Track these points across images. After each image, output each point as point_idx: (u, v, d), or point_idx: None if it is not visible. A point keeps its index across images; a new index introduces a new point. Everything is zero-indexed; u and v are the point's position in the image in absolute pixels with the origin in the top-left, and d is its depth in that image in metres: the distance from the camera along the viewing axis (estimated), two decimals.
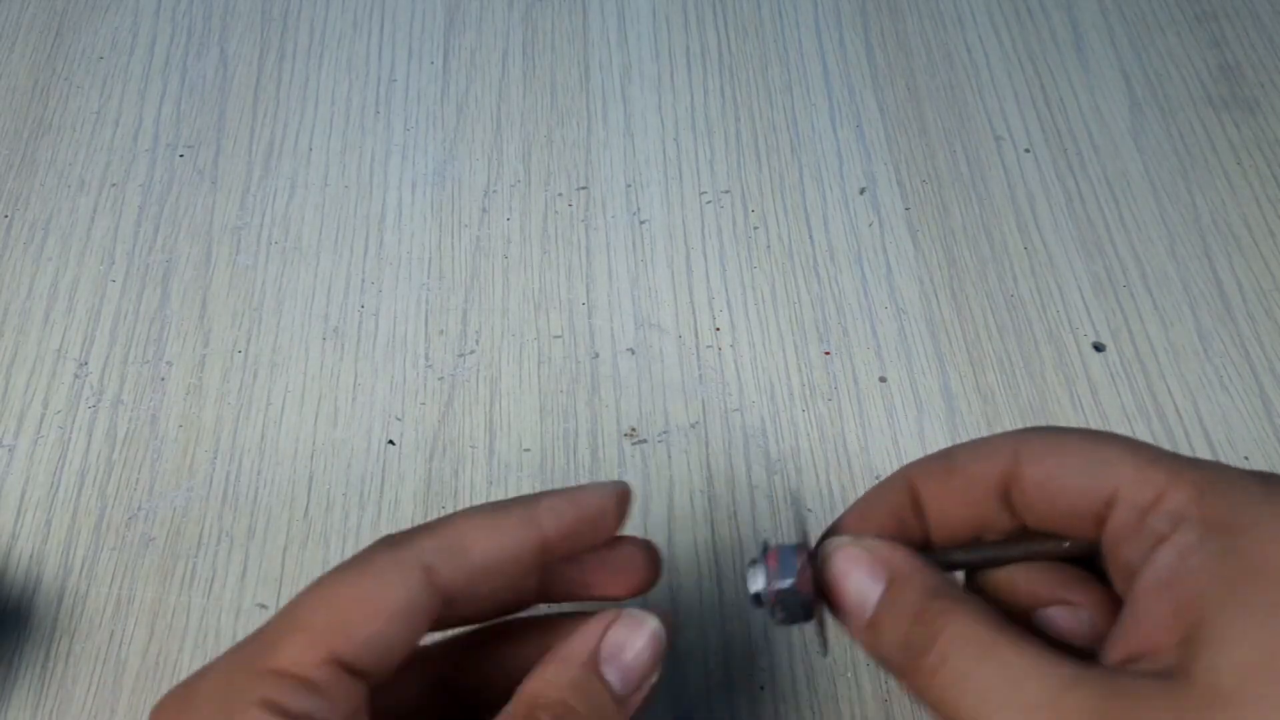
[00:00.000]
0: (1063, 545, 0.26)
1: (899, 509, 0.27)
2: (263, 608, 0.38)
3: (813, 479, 0.40)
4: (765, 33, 0.53)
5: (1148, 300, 0.45)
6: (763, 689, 0.36)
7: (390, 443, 0.41)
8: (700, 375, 0.43)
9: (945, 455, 0.27)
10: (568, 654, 0.25)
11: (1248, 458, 0.41)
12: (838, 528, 0.28)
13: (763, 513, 0.40)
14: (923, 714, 0.36)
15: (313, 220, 0.47)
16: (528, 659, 0.26)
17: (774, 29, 0.53)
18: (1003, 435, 0.26)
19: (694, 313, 0.45)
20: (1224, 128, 0.50)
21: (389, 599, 0.24)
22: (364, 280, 0.45)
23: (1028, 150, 0.49)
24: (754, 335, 0.44)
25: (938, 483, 0.27)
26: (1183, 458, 0.24)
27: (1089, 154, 0.49)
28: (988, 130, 0.50)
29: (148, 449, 0.41)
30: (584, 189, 0.48)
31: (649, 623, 0.26)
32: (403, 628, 0.24)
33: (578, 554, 0.27)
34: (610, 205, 0.48)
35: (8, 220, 0.47)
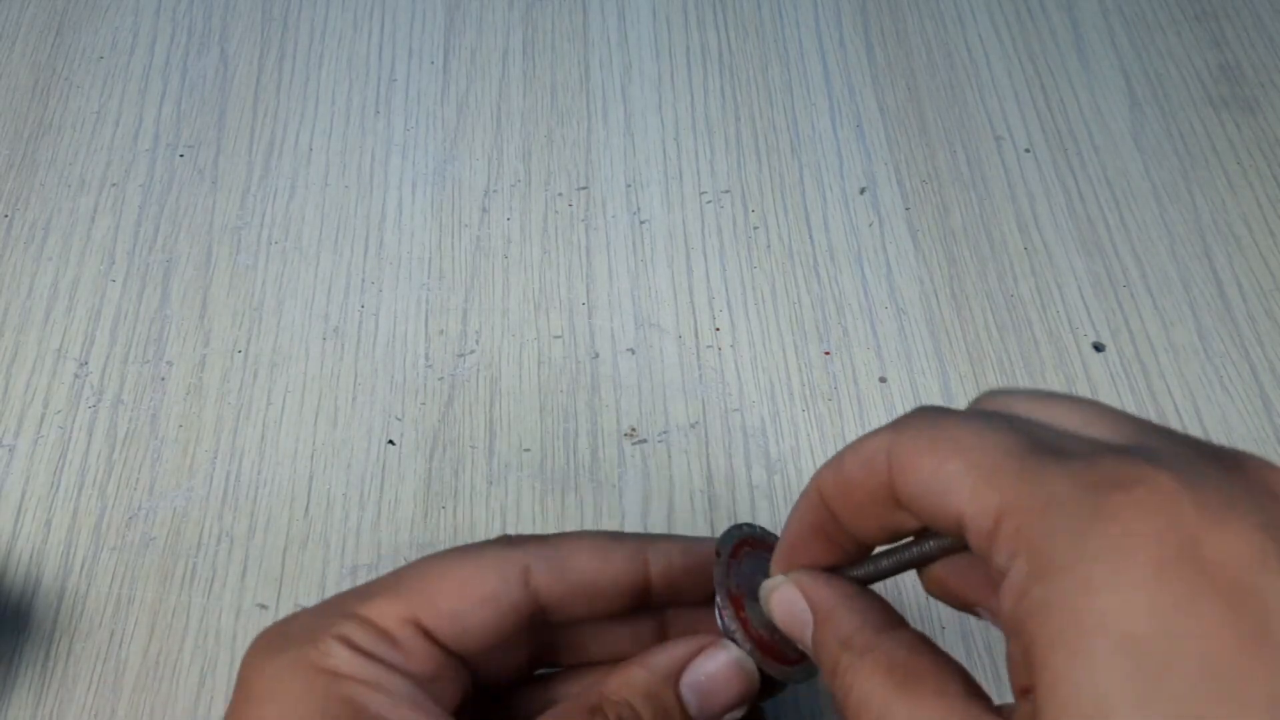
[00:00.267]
0: (944, 544, 0.24)
1: (822, 524, 0.25)
2: (263, 608, 0.38)
3: None
4: (765, 33, 0.53)
5: (1148, 300, 0.45)
6: None
7: (390, 443, 0.41)
8: (700, 375, 0.43)
9: (838, 462, 0.24)
10: (652, 662, 0.27)
11: None
12: (776, 557, 0.26)
13: (763, 513, 0.40)
14: None
15: (313, 220, 0.47)
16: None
17: (774, 29, 0.53)
18: (882, 433, 0.23)
19: (694, 313, 0.45)
20: (1224, 128, 0.50)
21: (480, 583, 0.26)
22: (364, 280, 0.45)
23: (1028, 150, 0.49)
24: (754, 335, 0.44)
25: (839, 494, 0.24)
26: (1040, 456, 0.20)
27: (1089, 154, 0.49)
28: (988, 130, 0.50)
29: (148, 449, 0.41)
30: (584, 189, 0.48)
31: (744, 660, 0.27)
32: (488, 612, 0.26)
33: (682, 604, 0.28)
34: (610, 205, 0.48)
35: (8, 220, 0.47)
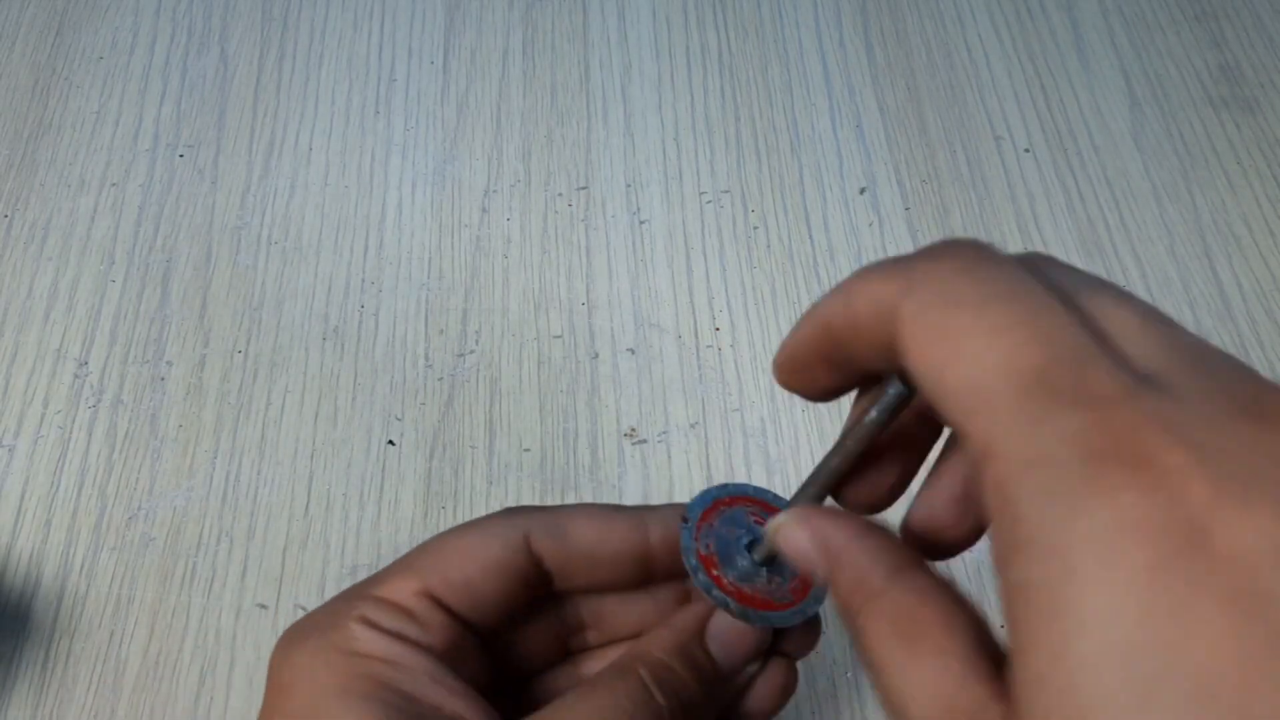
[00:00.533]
0: (889, 396, 0.22)
1: (822, 347, 0.22)
2: (263, 608, 0.38)
3: None
4: (765, 33, 0.53)
5: (1147, 300, 0.45)
6: None
7: (390, 443, 0.41)
8: (700, 375, 0.43)
9: (846, 296, 0.21)
10: (678, 623, 0.27)
11: None
12: (777, 367, 0.24)
13: None
14: None
15: (313, 220, 0.47)
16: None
17: (774, 29, 0.53)
18: (896, 278, 0.19)
19: (694, 313, 0.45)
20: (1224, 128, 0.50)
21: (485, 551, 0.27)
22: (364, 280, 0.45)
23: (1028, 150, 0.49)
24: (754, 335, 0.44)
25: (845, 327, 0.21)
26: (1047, 389, 0.17)
27: (1089, 154, 0.49)
28: (988, 130, 0.50)
29: (148, 449, 0.41)
30: (584, 189, 0.48)
31: None
32: (494, 579, 0.26)
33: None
34: (610, 205, 0.48)
35: (8, 220, 0.47)
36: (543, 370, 0.43)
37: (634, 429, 0.42)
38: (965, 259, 0.19)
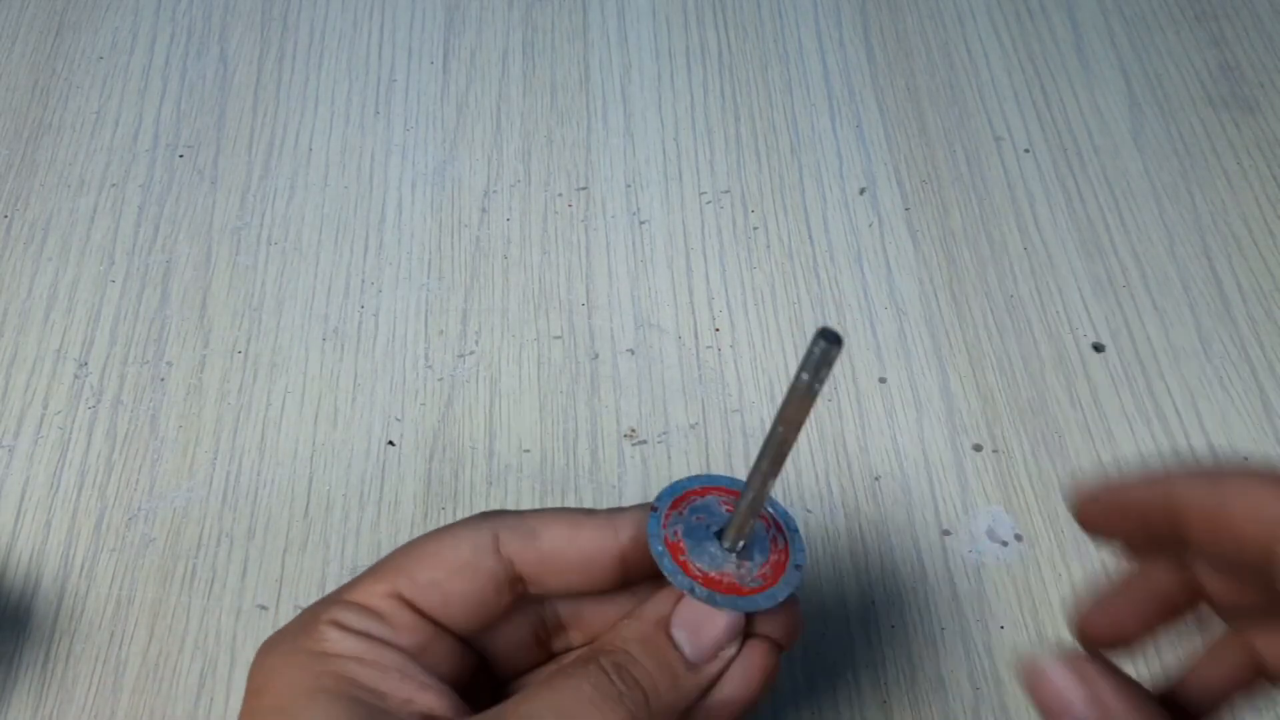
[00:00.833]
0: (815, 353, 0.23)
1: (1149, 536, 0.22)
2: (263, 608, 0.38)
3: (812, 479, 0.40)
4: (765, 33, 0.53)
5: (1148, 301, 0.45)
6: None
7: (390, 443, 0.41)
8: (700, 376, 0.43)
9: (1218, 489, 0.21)
10: (642, 613, 0.27)
11: (1247, 458, 0.41)
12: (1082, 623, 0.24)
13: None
14: (916, 714, 0.36)
15: (313, 220, 0.47)
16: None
17: (774, 29, 0.53)
18: (1269, 491, 0.20)
19: (694, 313, 0.45)
20: (1224, 128, 0.50)
21: (453, 553, 0.27)
22: (364, 280, 0.45)
23: (1028, 150, 0.49)
24: (754, 336, 0.44)
25: (1206, 521, 0.21)
26: None
27: (1089, 154, 0.49)
28: (988, 130, 0.50)
29: (148, 449, 0.41)
30: (584, 189, 0.48)
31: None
32: (464, 580, 0.27)
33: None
34: (610, 205, 0.48)
35: (8, 220, 0.47)
36: (542, 371, 0.43)
37: (634, 430, 0.42)
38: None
